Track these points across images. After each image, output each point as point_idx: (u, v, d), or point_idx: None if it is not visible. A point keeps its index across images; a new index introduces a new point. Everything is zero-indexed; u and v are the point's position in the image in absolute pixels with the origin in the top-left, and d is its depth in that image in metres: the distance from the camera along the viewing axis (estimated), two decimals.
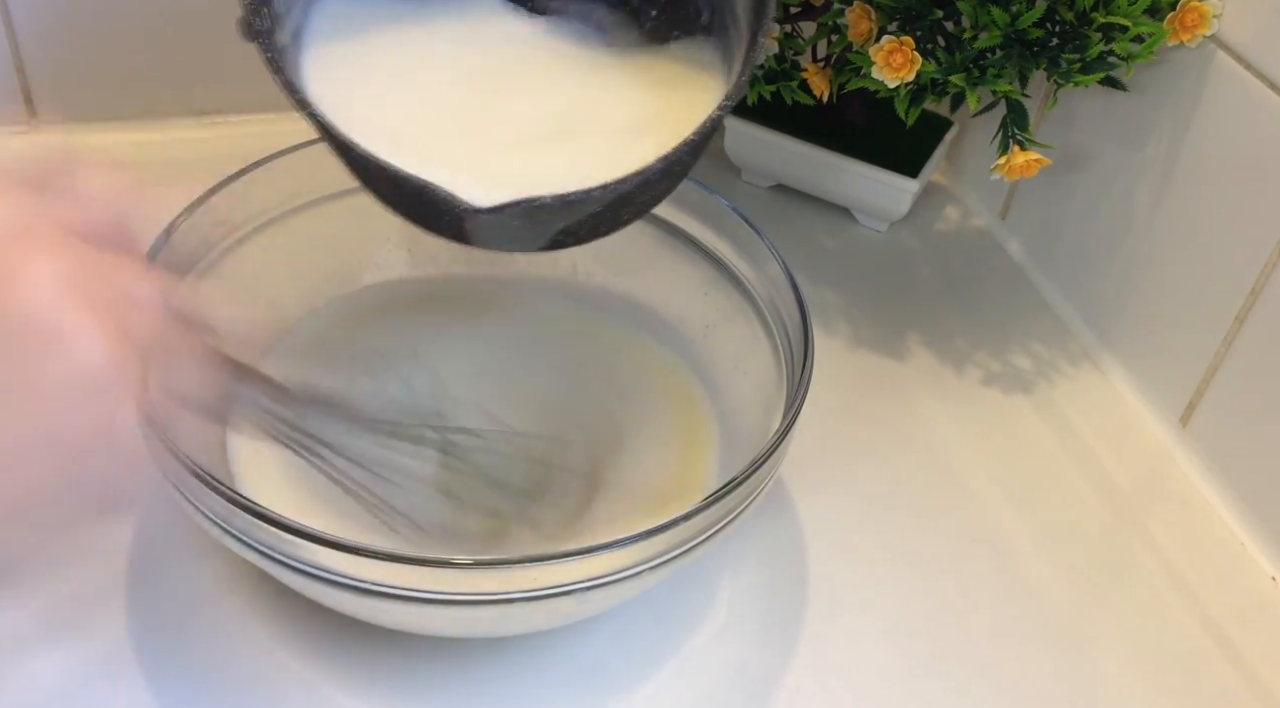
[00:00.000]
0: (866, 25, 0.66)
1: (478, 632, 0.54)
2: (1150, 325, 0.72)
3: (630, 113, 0.53)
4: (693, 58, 0.55)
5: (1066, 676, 0.58)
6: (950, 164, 0.89)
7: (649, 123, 0.52)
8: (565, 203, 0.46)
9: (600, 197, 0.47)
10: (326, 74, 0.51)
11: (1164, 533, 0.66)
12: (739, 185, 0.85)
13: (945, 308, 0.78)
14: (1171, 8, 0.64)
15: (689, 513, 0.48)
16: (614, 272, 0.67)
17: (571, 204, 0.46)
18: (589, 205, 0.47)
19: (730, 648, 0.57)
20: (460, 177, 0.48)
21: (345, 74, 0.51)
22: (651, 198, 0.51)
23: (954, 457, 0.68)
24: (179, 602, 0.56)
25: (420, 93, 0.53)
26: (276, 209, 0.62)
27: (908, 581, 0.62)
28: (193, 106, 0.83)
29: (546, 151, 0.51)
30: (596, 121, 0.52)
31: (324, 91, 0.50)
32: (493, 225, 0.48)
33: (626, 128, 0.52)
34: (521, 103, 0.53)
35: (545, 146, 0.51)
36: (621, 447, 0.61)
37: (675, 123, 0.50)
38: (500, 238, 0.50)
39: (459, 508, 0.59)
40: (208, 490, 0.47)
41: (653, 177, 0.47)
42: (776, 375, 0.58)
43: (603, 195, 0.47)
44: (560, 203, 0.46)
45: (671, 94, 0.53)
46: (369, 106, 0.51)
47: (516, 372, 0.64)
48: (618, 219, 0.51)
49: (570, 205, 0.47)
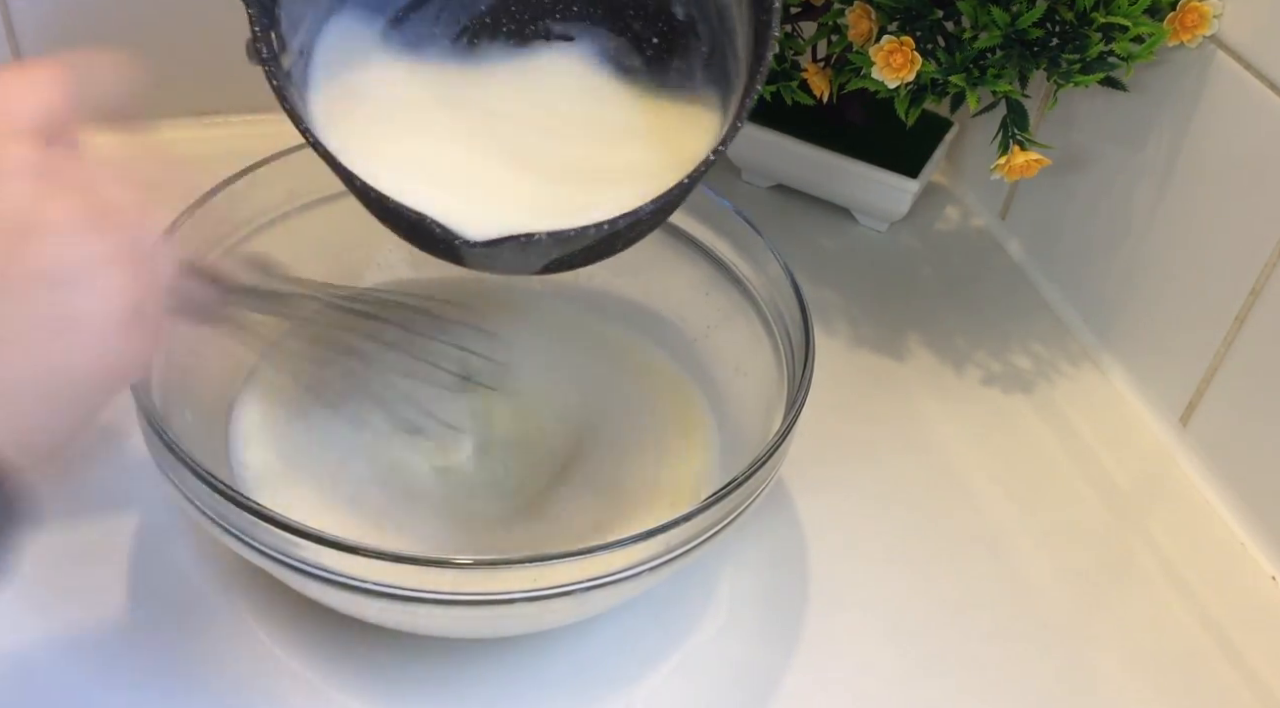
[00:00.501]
0: (866, 25, 0.66)
1: (478, 632, 0.54)
2: (1150, 325, 0.72)
3: (627, 151, 0.53)
4: (692, 91, 0.55)
5: (1066, 676, 0.58)
6: (950, 164, 0.89)
7: (645, 161, 0.53)
8: (558, 240, 0.48)
9: (593, 235, 0.48)
10: (330, 102, 0.52)
11: (1164, 533, 0.66)
12: (739, 185, 0.85)
13: (945, 308, 0.78)
14: (1171, 8, 0.64)
15: (689, 514, 0.48)
16: (615, 272, 0.67)
17: (564, 241, 0.48)
18: (582, 241, 0.48)
19: (731, 647, 0.57)
20: (456, 208, 0.49)
21: (348, 103, 0.52)
22: (642, 232, 0.52)
23: (954, 457, 0.68)
24: (179, 601, 0.56)
25: (421, 124, 0.53)
26: (278, 209, 0.62)
27: (908, 580, 0.62)
28: (193, 106, 0.83)
29: (543, 187, 0.52)
30: (593, 158, 0.53)
31: (326, 119, 0.51)
32: (488, 256, 0.49)
33: (622, 166, 0.53)
34: (521, 137, 0.54)
35: (542, 181, 0.52)
36: (623, 446, 0.61)
37: (670, 161, 0.51)
38: (495, 265, 0.51)
39: (490, 490, 0.59)
40: (209, 490, 0.47)
41: (644, 216, 0.48)
42: (777, 376, 0.58)
43: (596, 234, 0.48)
44: (554, 240, 0.47)
45: (668, 131, 0.54)
46: (371, 135, 0.51)
47: (518, 373, 0.64)
48: (610, 250, 0.52)
49: (563, 242, 0.48)
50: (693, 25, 0.56)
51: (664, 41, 0.56)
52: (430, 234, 0.48)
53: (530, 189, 0.51)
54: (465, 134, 0.53)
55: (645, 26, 0.56)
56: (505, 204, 0.51)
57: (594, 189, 0.51)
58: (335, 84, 0.52)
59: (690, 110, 0.55)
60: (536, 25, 0.57)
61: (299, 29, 0.51)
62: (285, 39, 0.50)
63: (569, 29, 0.57)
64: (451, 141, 0.53)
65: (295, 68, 0.51)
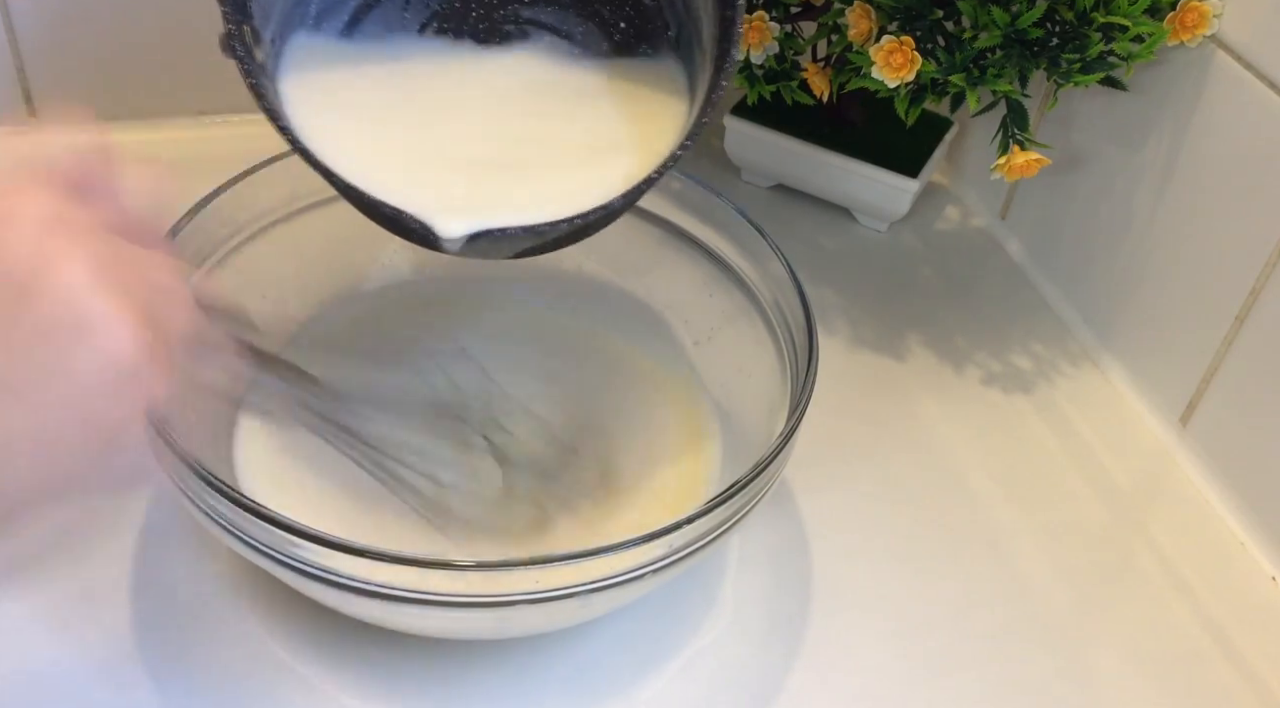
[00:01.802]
0: (866, 25, 0.66)
1: (480, 633, 0.54)
2: (1150, 325, 0.72)
3: (596, 142, 0.54)
4: (660, 77, 0.56)
5: (1066, 676, 0.58)
6: (950, 164, 0.89)
7: (613, 151, 0.53)
8: (532, 232, 0.49)
9: (565, 228, 0.49)
10: (303, 96, 0.52)
11: (1164, 533, 0.66)
12: (739, 185, 0.85)
13: (945, 308, 0.78)
14: (1171, 8, 0.64)
15: (693, 516, 0.48)
16: (619, 273, 0.67)
17: (538, 233, 0.49)
18: (554, 233, 0.50)
19: (734, 648, 0.57)
20: (432, 202, 0.49)
21: (321, 95, 0.52)
22: (611, 220, 0.53)
23: (954, 456, 0.69)
24: (181, 602, 0.56)
25: (394, 115, 0.54)
26: (280, 210, 0.62)
27: (908, 580, 0.62)
28: (193, 106, 0.83)
29: (514, 180, 0.52)
30: (563, 150, 0.54)
31: (302, 112, 0.51)
32: (464, 249, 0.50)
33: (592, 158, 0.53)
34: (492, 125, 0.54)
35: (513, 174, 0.52)
36: (626, 448, 0.61)
37: (640, 145, 0.52)
38: (470, 255, 0.52)
39: (496, 497, 0.59)
40: (211, 491, 0.47)
41: (614, 208, 0.50)
42: (780, 377, 0.58)
43: (568, 227, 0.49)
44: (527, 233, 0.49)
45: (636, 119, 0.55)
46: (347, 129, 0.52)
47: (520, 374, 0.64)
48: (580, 237, 0.53)
49: (537, 234, 0.49)
50: (659, 10, 0.56)
51: (631, 26, 0.57)
52: (408, 228, 0.49)
53: (503, 178, 0.52)
54: (437, 124, 0.54)
55: (612, 10, 0.57)
56: (480, 196, 0.51)
57: (566, 175, 0.52)
58: (307, 75, 0.53)
59: (659, 97, 0.55)
60: (505, 10, 0.57)
61: (270, 19, 0.52)
62: (259, 32, 0.50)
63: (537, 14, 0.57)
64: (425, 133, 0.53)
65: (269, 60, 0.51)
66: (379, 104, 0.54)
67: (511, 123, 0.54)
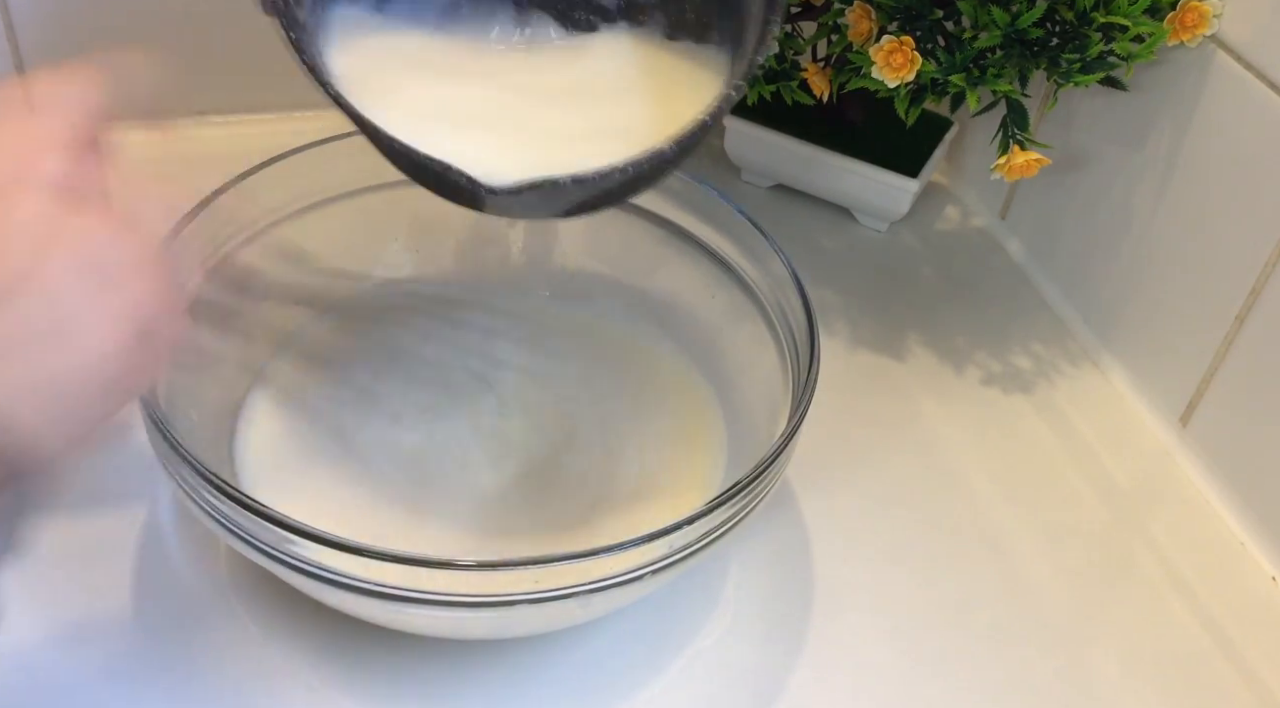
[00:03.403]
0: (866, 25, 0.66)
1: (480, 633, 0.54)
2: (1150, 325, 0.72)
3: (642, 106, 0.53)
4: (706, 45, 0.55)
5: (1066, 675, 0.59)
6: (950, 164, 0.89)
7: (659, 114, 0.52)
8: (582, 184, 0.47)
9: (618, 177, 0.47)
10: (344, 60, 0.51)
11: (1164, 533, 0.66)
12: (739, 185, 0.85)
13: (945, 308, 0.78)
14: (1171, 7, 0.64)
15: (693, 516, 0.48)
16: (621, 273, 0.67)
17: (588, 184, 0.47)
18: (606, 183, 0.48)
19: (735, 649, 0.57)
20: (479, 157, 0.48)
21: (366, 55, 0.52)
22: (663, 172, 0.52)
23: (954, 457, 0.69)
24: (181, 600, 0.56)
25: (438, 73, 0.53)
26: (282, 210, 0.62)
27: (909, 580, 0.62)
28: (193, 106, 0.83)
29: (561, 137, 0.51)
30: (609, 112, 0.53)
31: (344, 71, 0.50)
32: (511, 203, 0.49)
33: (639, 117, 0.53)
34: (537, 84, 0.54)
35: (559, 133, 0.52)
36: (626, 448, 0.61)
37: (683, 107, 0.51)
38: (517, 210, 0.51)
39: (496, 497, 0.59)
40: (212, 489, 0.47)
41: (668, 157, 0.48)
42: (782, 378, 0.58)
43: (620, 176, 0.47)
44: (578, 185, 0.47)
45: (681, 82, 0.54)
46: (389, 86, 0.51)
47: (520, 374, 0.64)
48: (632, 192, 0.52)
49: (586, 185, 0.48)
50: None
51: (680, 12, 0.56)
52: (455, 184, 0.48)
53: (549, 136, 0.52)
54: (482, 82, 0.53)
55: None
56: (527, 152, 0.50)
57: (613, 132, 0.51)
58: (348, 41, 0.52)
59: (703, 63, 0.54)
60: None
61: None
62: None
63: None
64: (469, 89, 0.53)
65: (310, 18, 0.50)
66: (421, 67, 0.53)
67: (556, 80, 0.54)
